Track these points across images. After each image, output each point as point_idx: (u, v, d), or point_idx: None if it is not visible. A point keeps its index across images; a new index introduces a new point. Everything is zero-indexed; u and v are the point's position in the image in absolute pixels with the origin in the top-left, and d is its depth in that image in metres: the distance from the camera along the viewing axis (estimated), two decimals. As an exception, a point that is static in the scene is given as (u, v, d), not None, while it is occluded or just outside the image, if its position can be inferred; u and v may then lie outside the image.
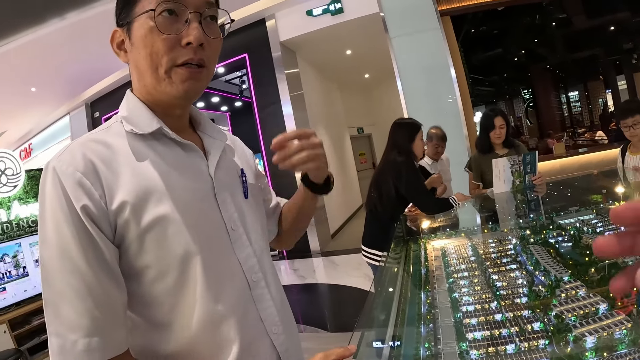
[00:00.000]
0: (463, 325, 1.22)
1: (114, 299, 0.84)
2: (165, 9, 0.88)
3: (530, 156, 3.21)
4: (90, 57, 8.51)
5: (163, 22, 0.88)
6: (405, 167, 3.06)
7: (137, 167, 0.89)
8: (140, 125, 0.94)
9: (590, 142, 9.52)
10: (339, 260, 7.54)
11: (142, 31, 0.89)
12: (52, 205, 0.82)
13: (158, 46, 0.88)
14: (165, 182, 0.89)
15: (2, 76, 8.65)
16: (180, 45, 0.89)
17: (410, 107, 6.75)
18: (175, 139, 0.96)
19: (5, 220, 5.42)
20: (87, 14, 7.05)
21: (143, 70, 0.92)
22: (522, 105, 12.29)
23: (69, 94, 10.90)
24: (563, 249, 1.67)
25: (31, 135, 13.76)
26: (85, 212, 0.81)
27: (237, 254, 0.98)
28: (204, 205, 0.94)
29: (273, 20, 8.16)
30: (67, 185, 0.81)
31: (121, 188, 0.85)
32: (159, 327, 0.90)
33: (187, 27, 0.89)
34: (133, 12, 0.91)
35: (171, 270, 0.88)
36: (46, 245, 0.82)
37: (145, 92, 0.97)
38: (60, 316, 0.80)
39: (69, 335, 0.78)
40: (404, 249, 2.33)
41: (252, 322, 0.97)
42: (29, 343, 4.88)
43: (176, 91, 0.92)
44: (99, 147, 0.89)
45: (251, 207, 1.07)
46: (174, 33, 0.89)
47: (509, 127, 3.60)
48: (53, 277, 0.80)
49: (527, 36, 10.22)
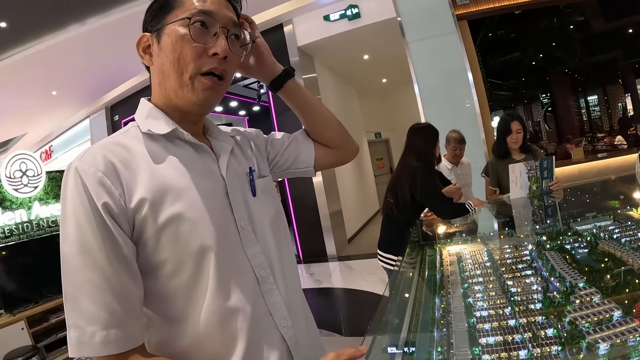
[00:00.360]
0: (476, 330, 1.22)
1: (132, 294, 0.88)
2: (199, 20, 0.95)
3: (547, 161, 3.18)
4: (110, 62, 8.64)
5: (195, 32, 0.95)
6: (421, 173, 3.06)
7: (154, 167, 0.94)
8: (156, 127, 0.98)
9: (609, 147, 9.38)
10: (355, 265, 7.53)
11: (173, 37, 0.95)
12: (73, 203, 0.86)
13: (187, 53, 0.95)
14: (180, 182, 0.94)
15: (24, 80, 8.82)
16: (207, 55, 0.96)
17: (427, 112, 6.72)
18: (189, 141, 1.01)
19: (26, 220, 5.52)
20: (106, 19, 7.17)
21: (168, 74, 0.98)
22: (540, 109, 12.15)
23: (89, 97, 11.06)
24: (579, 255, 1.66)
25: (52, 138, 13.96)
26: (105, 209, 0.85)
27: (245, 250, 1.00)
28: (216, 204, 0.98)
29: (290, 25, 8.20)
30: (88, 184, 0.85)
31: (139, 187, 0.89)
32: (173, 322, 0.93)
33: (215, 39, 0.97)
34: (165, 20, 0.97)
35: (186, 266, 0.91)
36: (67, 241, 0.85)
37: (165, 96, 1.01)
38: (80, 309, 0.83)
39: (87, 327, 0.82)
40: (419, 254, 2.33)
41: (261, 316, 0.99)
42: (46, 340, 4.96)
43: (196, 98, 0.97)
44: (118, 149, 0.93)
45: (260, 204, 1.10)
46: (202, 43, 0.95)
47: (526, 132, 3.57)
48: (73, 272, 0.84)
49: (544, 40, 10.12)
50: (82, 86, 10.19)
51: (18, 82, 8.79)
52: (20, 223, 5.46)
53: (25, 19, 6.79)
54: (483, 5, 6.77)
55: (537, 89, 12.09)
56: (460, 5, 6.75)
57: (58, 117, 12.20)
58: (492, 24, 8.15)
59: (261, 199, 1.11)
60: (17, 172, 5.50)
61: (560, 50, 10.81)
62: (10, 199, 5.43)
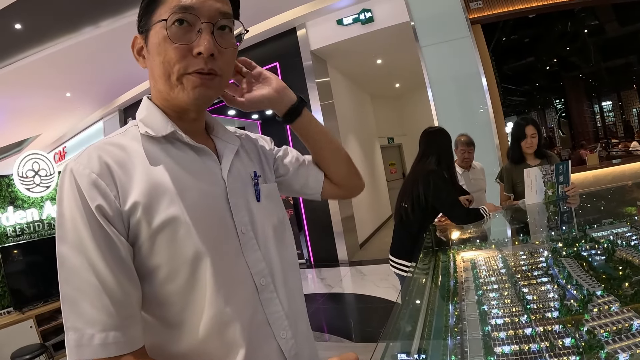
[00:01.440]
0: (491, 338, 1.20)
1: (130, 296, 0.86)
2: (177, 19, 0.90)
3: (563, 166, 3.14)
4: (123, 64, 8.71)
5: (175, 32, 0.91)
6: (435, 177, 3.03)
7: (151, 169, 0.91)
8: (155, 128, 0.96)
9: (624, 152, 9.30)
10: (366, 270, 7.51)
11: (157, 39, 0.92)
12: (69, 204, 0.85)
13: (170, 55, 0.91)
14: (177, 184, 0.91)
15: (38, 81, 8.92)
16: (192, 54, 0.91)
17: (441, 117, 6.69)
18: (188, 143, 0.99)
19: (38, 219, 5.58)
20: (120, 22, 7.24)
21: (157, 77, 0.96)
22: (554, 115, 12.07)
23: (103, 99, 11.19)
24: (596, 263, 1.63)
25: (66, 139, 14.13)
26: (100, 212, 0.84)
27: (245, 257, 0.98)
28: (215, 208, 0.96)
29: (304, 29, 8.24)
30: (82, 186, 0.84)
31: (134, 189, 0.88)
32: (170, 327, 0.91)
33: (199, 37, 0.91)
34: (150, 21, 0.94)
35: (181, 271, 0.89)
36: (64, 243, 0.84)
37: (161, 97, 1.00)
38: (78, 312, 0.82)
39: (86, 330, 0.81)
40: (432, 260, 2.31)
41: (259, 325, 0.97)
42: (54, 339, 5.01)
43: (187, 97, 0.94)
44: (114, 150, 0.92)
45: (264, 209, 1.07)
46: (185, 43, 0.91)
47: (540, 137, 3.54)
48: (71, 274, 0.83)
49: (559, 44, 10.06)
50: (96, 88, 10.29)
51: (33, 83, 8.89)
52: (32, 222, 5.53)
53: (39, 21, 6.87)
54: (497, 9, 6.73)
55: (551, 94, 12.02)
56: (474, 9, 6.72)
57: (72, 119, 12.34)
58: (506, 29, 8.13)
59: (265, 205, 1.08)
60: (29, 171, 5.57)
61: (575, 55, 10.75)
62: (22, 198, 5.50)
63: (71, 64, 8.43)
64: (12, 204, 5.37)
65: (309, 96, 8.28)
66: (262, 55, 8.54)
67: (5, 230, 5.23)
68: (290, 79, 8.42)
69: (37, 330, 4.81)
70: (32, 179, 5.57)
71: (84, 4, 6.67)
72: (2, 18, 6.47)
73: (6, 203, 5.33)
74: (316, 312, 5.63)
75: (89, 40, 7.60)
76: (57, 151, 14.45)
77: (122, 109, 11.47)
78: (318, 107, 8.24)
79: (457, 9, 6.58)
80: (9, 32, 6.95)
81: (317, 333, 4.84)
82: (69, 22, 7.13)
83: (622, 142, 10.15)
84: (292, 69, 8.43)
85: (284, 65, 8.55)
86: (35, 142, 13.58)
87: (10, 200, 5.37)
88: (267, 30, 8.19)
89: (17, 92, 9.23)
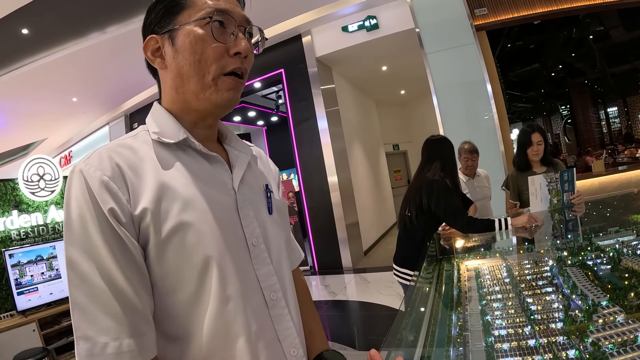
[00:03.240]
0: (494, 349, 1.18)
1: (144, 302, 0.83)
2: (218, 19, 0.92)
3: (568, 173, 3.11)
4: (130, 70, 8.77)
5: (216, 31, 0.92)
6: (437, 185, 3.01)
7: (162, 174, 0.89)
8: (166, 134, 0.95)
9: (630, 159, 9.25)
10: (370, 278, 7.48)
11: (192, 38, 0.92)
12: (79, 206, 0.82)
13: (208, 54, 0.92)
14: (188, 192, 0.89)
15: (44, 86, 8.98)
16: (228, 55, 0.93)
17: (446, 124, 6.70)
18: (200, 150, 0.97)
19: (42, 223, 5.61)
20: (127, 28, 7.29)
21: (188, 77, 0.94)
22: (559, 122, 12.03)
23: (109, 104, 11.24)
24: (601, 272, 1.61)
25: (71, 144, 14.18)
26: (112, 215, 0.81)
27: (256, 270, 0.95)
28: (225, 218, 0.93)
29: (309, 36, 8.27)
30: (94, 188, 0.82)
31: (145, 193, 0.86)
32: (173, 341, 0.88)
33: (234, 38, 0.94)
34: (177, 20, 0.94)
35: (188, 282, 0.86)
36: (73, 246, 0.81)
37: (182, 100, 0.98)
38: (89, 319, 0.78)
39: (98, 338, 0.77)
40: (436, 269, 2.29)
41: (269, 343, 0.93)
42: (57, 343, 5.00)
43: (220, 99, 0.94)
44: (125, 152, 0.90)
45: (275, 223, 1.05)
46: (223, 42, 0.93)
47: (547, 144, 3.52)
48: (82, 280, 0.79)
49: (564, 50, 10.04)
50: (102, 93, 10.35)
51: (39, 87, 8.95)
52: (36, 226, 5.54)
53: (46, 26, 6.93)
54: (502, 15, 6.74)
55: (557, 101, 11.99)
56: (479, 15, 6.73)
57: (78, 124, 12.39)
58: (511, 35, 8.12)
59: (276, 219, 1.06)
60: (34, 175, 5.59)
61: (580, 61, 10.73)
62: (26, 201, 5.51)
63: (78, 69, 8.48)
64: (17, 208, 5.39)
65: (314, 103, 8.32)
66: (268, 62, 8.59)
67: (10, 233, 5.24)
68: (295, 85, 8.49)
69: (39, 334, 4.80)
70: (37, 183, 5.59)
71: (90, 10, 6.72)
72: (10, 23, 6.52)
73: (11, 207, 5.35)
74: (320, 319, 5.57)
75: (96, 45, 7.65)
76: (63, 155, 14.52)
77: (127, 114, 11.51)
78: (323, 113, 8.25)
79: (462, 16, 6.60)
80: (16, 37, 7.01)
81: (321, 340, 4.82)
82: (75, 27, 7.19)
83: (628, 149, 10.10)
84: (297, 75, 8.46)
85: (289, 71, 8.59)
86: (41, 146, 13.65)
87: (15, 204, 5.39)
88: (273, 36, 8.21)
89: (23, 97, 9.29)
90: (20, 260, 5.09)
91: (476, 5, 6.77)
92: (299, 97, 8.49)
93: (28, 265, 5.14)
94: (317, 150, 8.35)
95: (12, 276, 4.97)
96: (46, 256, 5.32)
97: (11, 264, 4.99)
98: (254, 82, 8.90)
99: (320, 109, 8.27)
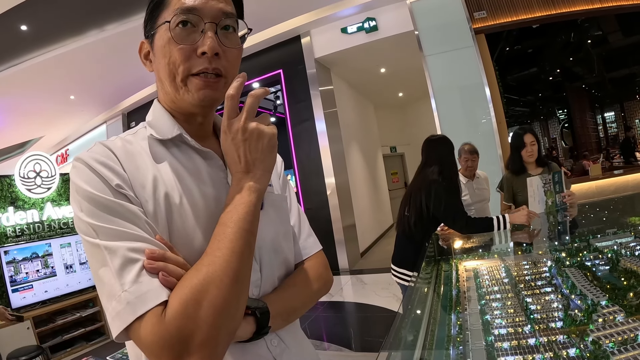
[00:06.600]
0: (495, 348, 1.18)
1: None
2: (180, 20, 0.91)
3: (557, 175, 3.18)
4: (128, 68, 8.76)
5: (179, 33, 0.91)
6: (436, 186, 3.01)
7: (155, 168, 0.91)
8: (161, 131, 0.97)
9: (627, 163, 9.28)
10: (367, 279, 7.48)
11: (161, 42, 0.93)
12: (87, 182, 0.81)
13: (175, 56, 0.91)
14: (180, 186, 0.90)
15: (42, 84, 8.96)
16: (196, 55, 0.91)
17: (444, 127, 6.71)
18: (194, 146, 0.98)
19: (38, 220, 5.60)
20: (125, 26, 7.28)
21: (163, 79, 0.96)
22: (557, 126, 12.06)
23: (106, 103, 11.23)
24: (600, 272, 1.62)
25: (68, 142, 14.15)
26: (120, 188, 0.82)
27: None
28: (216, 213, 0.90)
29: (308, 37, 8.26)
30: (98, 169, 0.83)
31: (138, 179, 0.87)
32: None
33: (202, 37, 0.91)
34: (155, 24, 0.95)
35: None
36: (87, 215, 0.80)
37: (169, 99, 0.99)
38: (116, 284, 0.75)
39: (122, 295, 0.74)
40: (435, 269, 2.29)
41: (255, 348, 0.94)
42: (52, 341, 5.01)
43: (192, 99, 0.93)
44: (122, 143, 0.93)
45: (269, 218, 1.03)
46: (189, 43, 0.91)
47: (540, 145, 3.54)
48: (107, 254, 0.77)
49: (562, 55, 10.07)
50: (99, 92, 10.33)
51: (37, 84, 8.93)
52: (32, 223, 5.53)
53: (45, 23, 6.91)
54: (501, 19, 6.76)
55: (554, 105, 12.02)
56: (478, 19, 6.75)
57: (75, 122, 12.36)
58: (509, 38, 8.14)
59: (269, 214, 1.04)
60: (31, 172, 5.59)
61: (578, 65, 10.76)
62: (23, 198, 5.52)
63: (76, 67, 8.46)
64: (13, 205, 5.38)
65: (312, 104, 8.31)
66: (266, 63, 8.59)
67: (5, 230, 5.23)
68: (294, 86, 8.47)
69: (34, 332, 4.80)
70: (33, 180, 5.59)
71: (90, 8, 6.71)
72: (8, 19, 6.50)
73: (7, 203, 5.34)
74: (316, 321, 5.59)
75: (94, 43, 7.63)
76: (60, 153, 14.48)
77: (125, 113, 11.49)
78: (321, 115, 8.23)
79: (461, 19, 6.62)
80: (14, 33, 6.99)
81: (317, 342, 4.82)
82: (74, 24, 7.17)
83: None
84: (296, 76, 8.45)
85: (287, 72, 8.58)
86: (38, 143, 13.61)
87: (11, 201, 5.38)
88: (272, 37, 8.22)
89: (21, 94, 9.27)
90: (16, 257, 5.09)
91: (475, 8, 6.79)
92: (297, 98, 8.48)
93: (23, 263, 5.14)
94: (314, 152, 8.33)
95: (7, 273, 4.96)
96: (41, 253, 5.31)
97: (6, 261, 4.98)
98: (252, 82, 8.87)
99: (319, 110, 8.25)
